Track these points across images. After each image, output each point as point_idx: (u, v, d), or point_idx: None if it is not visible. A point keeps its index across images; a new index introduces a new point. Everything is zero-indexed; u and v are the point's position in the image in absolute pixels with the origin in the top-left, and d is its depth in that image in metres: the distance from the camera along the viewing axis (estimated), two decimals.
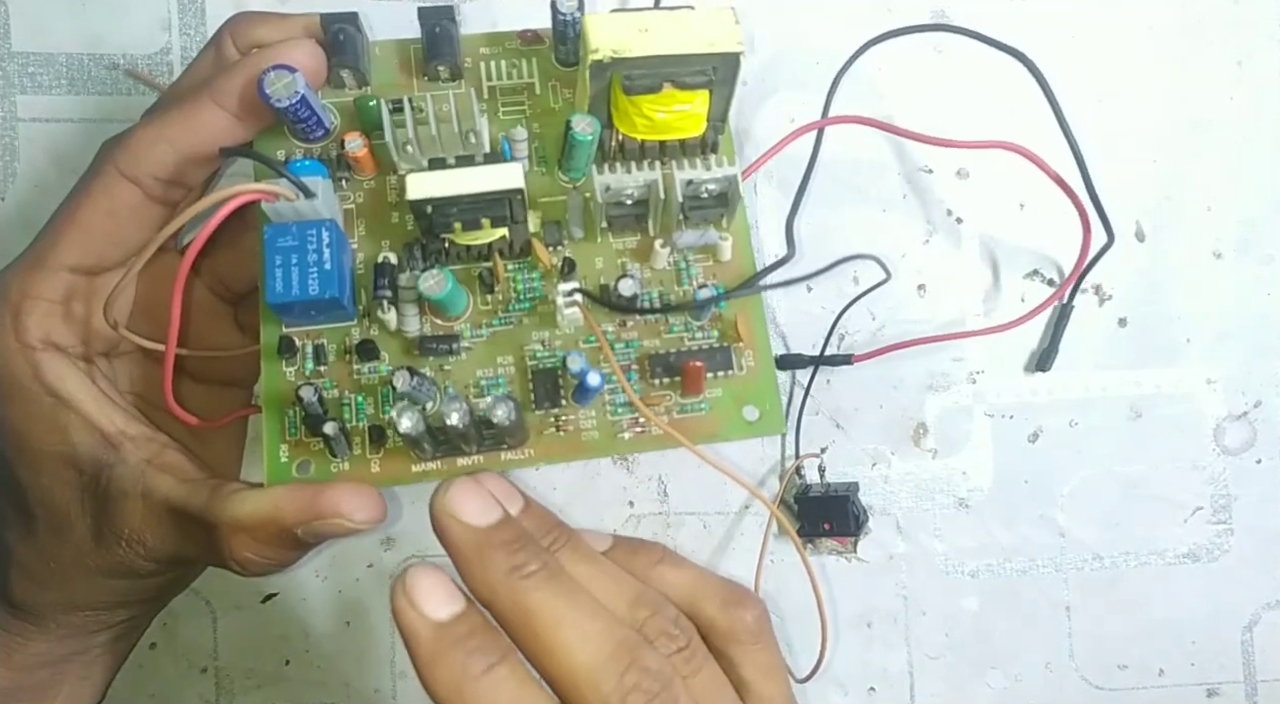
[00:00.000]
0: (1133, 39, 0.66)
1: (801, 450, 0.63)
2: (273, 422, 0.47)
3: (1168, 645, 0.65)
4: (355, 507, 0.44)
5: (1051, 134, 0.56)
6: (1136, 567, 0.64)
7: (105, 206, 0.47)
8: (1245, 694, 0.65)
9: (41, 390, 0.47)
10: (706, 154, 0.50)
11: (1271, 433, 0.65)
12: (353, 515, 0.44)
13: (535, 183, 0.50)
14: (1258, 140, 0.66)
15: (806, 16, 0.65)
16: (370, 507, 0.45)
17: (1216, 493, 0.64)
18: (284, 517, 0.44)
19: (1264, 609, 0.65)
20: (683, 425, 0.48)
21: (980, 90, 0.64)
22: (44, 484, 0.48)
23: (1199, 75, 0.66)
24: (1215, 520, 0.64)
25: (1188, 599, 0.65)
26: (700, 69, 0.46)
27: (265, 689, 0.61)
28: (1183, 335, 0.65)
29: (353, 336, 0.48)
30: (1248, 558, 0.65)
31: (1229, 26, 0.66)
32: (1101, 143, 0.60)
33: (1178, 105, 0.66)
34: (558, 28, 0.49)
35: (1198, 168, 0.65)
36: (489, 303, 0.49)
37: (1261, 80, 0.66)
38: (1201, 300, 0.65)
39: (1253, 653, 0.65)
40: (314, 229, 0.45)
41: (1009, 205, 0.64)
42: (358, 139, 0.48)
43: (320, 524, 0.44)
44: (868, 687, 0.63)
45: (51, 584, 0.50)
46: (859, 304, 0.63)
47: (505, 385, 0.48)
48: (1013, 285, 0.64)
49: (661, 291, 0.50)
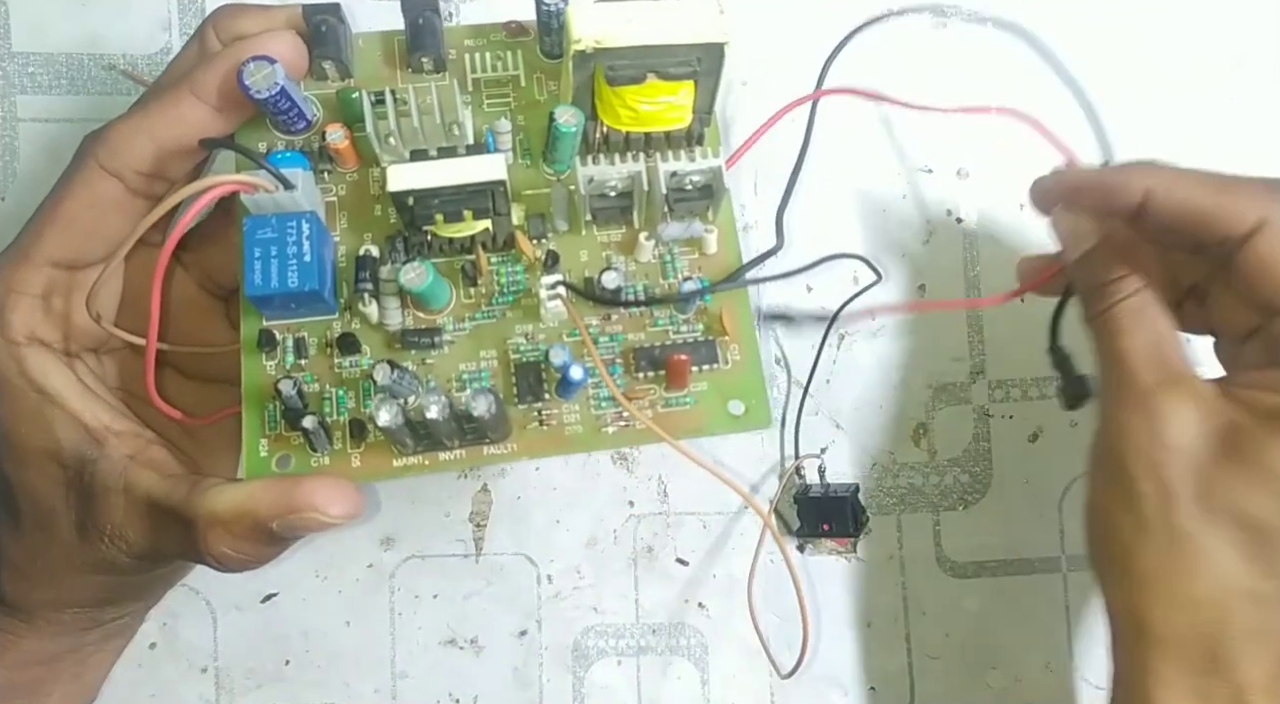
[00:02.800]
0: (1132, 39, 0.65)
1: (801, 450, 0.62)
2: (252, 416, 0.47)
3: None
4: (330, 500, 0.44)
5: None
6: None
7: (86, 200, 0.47)
8: None
9: (26, 385, 0.47)
10: (691, 146, 0.49)
11: None
12: (328, 509, 0.44)
13: (519, 175, 0.50)
14: (1258, 140, 0.65)
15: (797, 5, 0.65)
16: (346, 501, 0.44)
17: None
18: (259, 510, 0.44)
19: None
20: (667, 419, 0.48)
21: (981, 67, 0.63)
22: (29, 480, 0.48)
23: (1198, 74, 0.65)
24: None
25: None
26: (684, 60, 0.45)
27: (265, 689, 0.61)
28: (1182, 335, 0.64)
29: (334, 330, 0.48)
30: None
31: (1228, 25, 0.65)
32: (1100, 141, 0.60)
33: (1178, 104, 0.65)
34: (542, 19, 0.49)
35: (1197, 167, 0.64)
36: (472, 296, 0.49)
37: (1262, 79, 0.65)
38: None
39: None
40: (294, 221, 0.44)
41: (1009, 205, 0.64)
42: (339, 131, 0.47)
43: (295, 518, 0.44)
44: (868, 687, 0.63)
45: (39, 581, 0.50)
46: (858, 304, 0.62)
47: (488, 379, 0.48)
48: (1013, 286, 0.63)
49: (646, 284, 0.49)
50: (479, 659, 0.61)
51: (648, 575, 0.62)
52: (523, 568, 0.61)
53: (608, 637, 0.61)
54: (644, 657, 0.61)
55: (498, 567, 0.61)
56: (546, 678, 0.61)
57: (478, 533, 0.61)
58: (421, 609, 0.61)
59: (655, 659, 0.61)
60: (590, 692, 0.61)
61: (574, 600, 0.61)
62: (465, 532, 0.61)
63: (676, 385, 0.48)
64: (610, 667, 0.61)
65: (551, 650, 0.61)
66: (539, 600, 0.61)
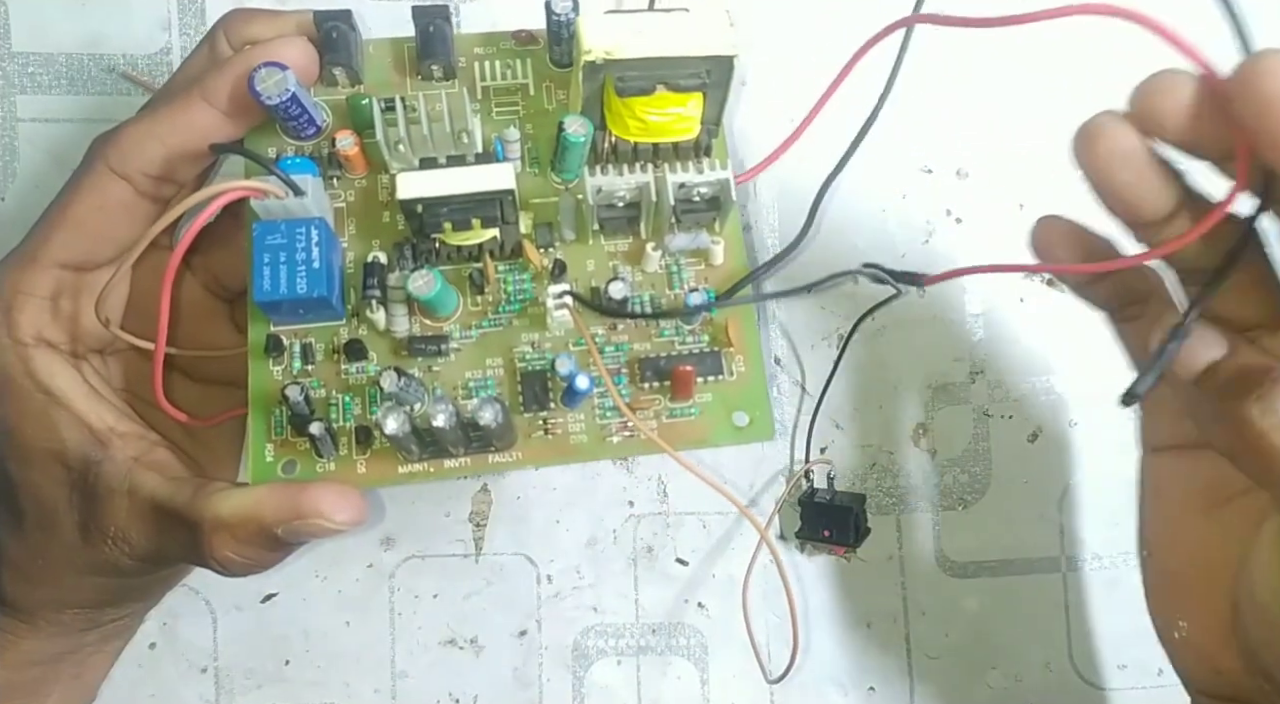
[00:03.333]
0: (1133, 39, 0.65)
1: (811, 454, 0.63)
2: (258, 421, 0.47)
3: None
4: (336, 507, 0.44)
5: None
6: (1136, 567, 0.63)
7: (96, 203, 0.47)
8: None
9: (33, 387, 0.47)
10: (699, 157, 0.49)
11: None
12: (333, 516, 0.44)
13: (527, 184, 0.50)
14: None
15: (811, 16, 0.65)
16: (351, 507, 0.44)
17: None
18: (265, 515, 0.44)
19: None
20: (672, 430, 0.48)
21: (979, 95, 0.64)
22: (33, 480, 0.48)
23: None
24: None
25: None
26: (694, 72, 0.45)
27: (265, 689, 0.61)
28: None
29: (341, 336, 0.48)
30: None
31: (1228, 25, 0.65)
32: None
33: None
34: (552, 28, 0.49)
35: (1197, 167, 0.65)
36: (479, 304, 0.49)
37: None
38: None
39: None
40: (303, 227, 0.45)
41: (1009, 205, 0.64)
42: (349, 137, 0.47)
43: (300, 524, 0.44)
44: (868, 687, 0.63)
45: (41, 582, 0.50)
46: (858, 305, 0.62)
47: (494, 387, 0.48)
48: (1013, 286, 0.64)
49: (652, 295, 0.50)
50: (479, 659, 0.61)
51: (647, 575, 0.62)
52: (522, 568, 0.61)
53: (607, 636, 0.61)
54: (644, 657, 0.62)
55: (498, 567, 0.61)
56: (546, 678, 0.61)
57: (478, 533, 0.61)
58: (421, 609, 0.61)
59: (655, 659, 0.62)
60: (590, 691, 0.61)
61: (574, 600, 0.61)
62: (465, 532, 0.61)
63: (681, 396, 0.48)
64: (610, 667, 0.61)
65: (551, 650, 0.61)
66: (539, 600, 0.61)
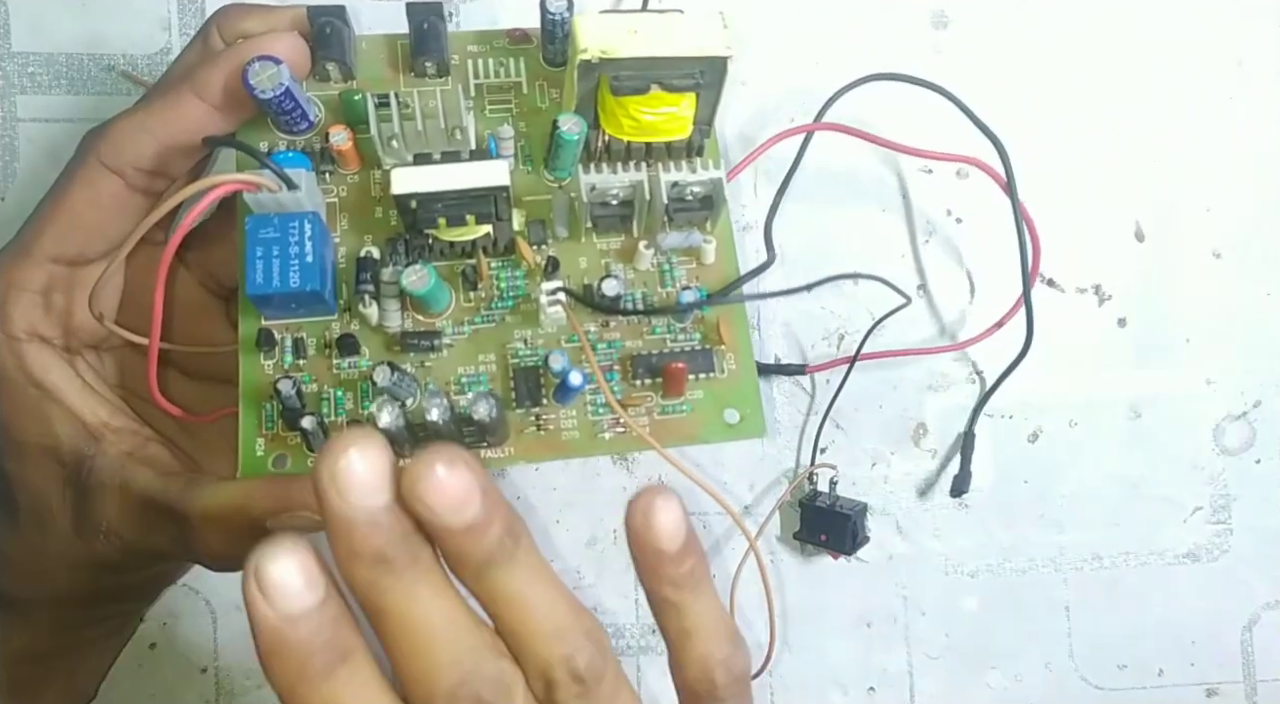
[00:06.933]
0: (1133, 39, 0.65)
1: (817, 458, 0.63)
2: (249, 415, 0.47)
3: (1167, 645, 0.64)
4: None
5: None
6: (1136, 567, 0.64)
7: (88, 197, 0.47)
8: (1245, 694, 0.64)
9: (26, 381, 0.47)
10: (692, 157, 0.49)
11: (1271, 433, 0.64)
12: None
13: (521, 181, 0.50)
14: (1258, 140, 0.65)
15: (805, 17, 0.65)
16: None
17: (1216, 493, 0.64)
18: (254, 508, 0.44)
19: (1264, 609, 0.64)
20: (663, 426, 0.48)
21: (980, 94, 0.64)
22: (27, 475, 0.48)
23: (1198, 74, 0.65)
24: (1215, 520, 0.64)
25: (1187, 599, 0.64)
26: (688, 72, 0.46)
27: (265, 689, 0.60)
28: (1182, 335, 0.64)
29: (333, 331, 0.48)
30: (1247, 558, 0.64)
31: (1228, 25, 0.65)
32: (1100, 142, 0.60)
33: (1177, 105, 0.65)
34: (547, 27, 0.49)
35: (1198, 167, 0.65)
36: (472, 300, 0.49)
37: (1262, 79, 0.65)
38: (1201, 300, 0.64)
39: (1252, 653, 0.64)
40: (296, 221, 0.44)
41: (1009, 206, 0.64)
42: (342, 132, 0.47)
43: (289, 517, 0.43)
44: (867, 686, 0.63)
45: (35, 577, 0.50)
46: (858, 304, 0.63)
47: (486, 383, 0.48)
48: (1012, 286, 0.63)
49: (645, 293, 0.50)
50: None
51: None
52: None
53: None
54: (644, 656, 0.62)
55: None
56: None
57: None
58: None
59: (655, 659, 0.61)
60: None
61: None
62: None
63: (673, 393, 0.48)
64: None
65: None
66: None
